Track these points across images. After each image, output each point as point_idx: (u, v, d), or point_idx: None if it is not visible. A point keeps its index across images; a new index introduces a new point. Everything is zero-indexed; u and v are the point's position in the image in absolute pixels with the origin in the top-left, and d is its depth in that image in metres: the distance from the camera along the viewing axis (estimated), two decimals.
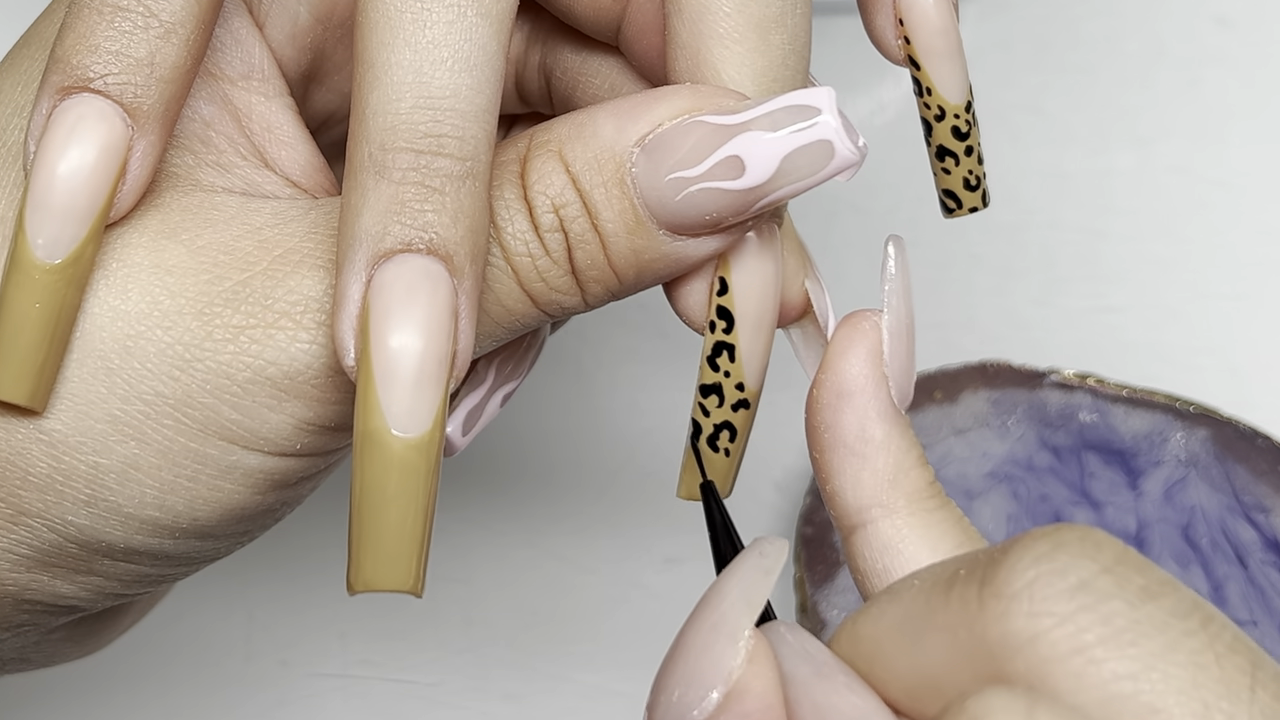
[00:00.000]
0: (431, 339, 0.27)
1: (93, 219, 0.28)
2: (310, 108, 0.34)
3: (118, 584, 0.31)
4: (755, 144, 0.28)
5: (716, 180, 0.28)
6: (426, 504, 0.27)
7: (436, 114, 0.27)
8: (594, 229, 0.29)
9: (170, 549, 0.30)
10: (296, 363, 0.29)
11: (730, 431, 0.31)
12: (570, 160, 0.29)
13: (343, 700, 0.46)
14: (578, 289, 0.29)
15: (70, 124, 0.28)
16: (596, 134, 0.29)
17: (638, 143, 0.28)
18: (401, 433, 0.27)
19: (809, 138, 0.28)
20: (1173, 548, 0.45)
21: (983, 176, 0.33)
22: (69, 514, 0.29)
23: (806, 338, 0.32)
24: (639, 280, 0.30)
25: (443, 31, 0.27)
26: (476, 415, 0.33)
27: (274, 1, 0.32)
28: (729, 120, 0.28)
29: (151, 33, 0.28)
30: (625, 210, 0.29)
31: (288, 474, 0.30)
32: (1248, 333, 0.49)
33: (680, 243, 0.29)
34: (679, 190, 0.28)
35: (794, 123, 0.28)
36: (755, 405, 0.31)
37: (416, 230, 0.27)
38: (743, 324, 0.30)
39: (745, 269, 0.30)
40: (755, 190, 0.28)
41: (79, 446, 0.29)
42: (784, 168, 0.28)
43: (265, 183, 0.31)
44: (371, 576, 0.27)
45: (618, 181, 0.29)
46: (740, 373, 0.30)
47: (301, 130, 0.32)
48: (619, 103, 0.29)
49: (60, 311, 0.28)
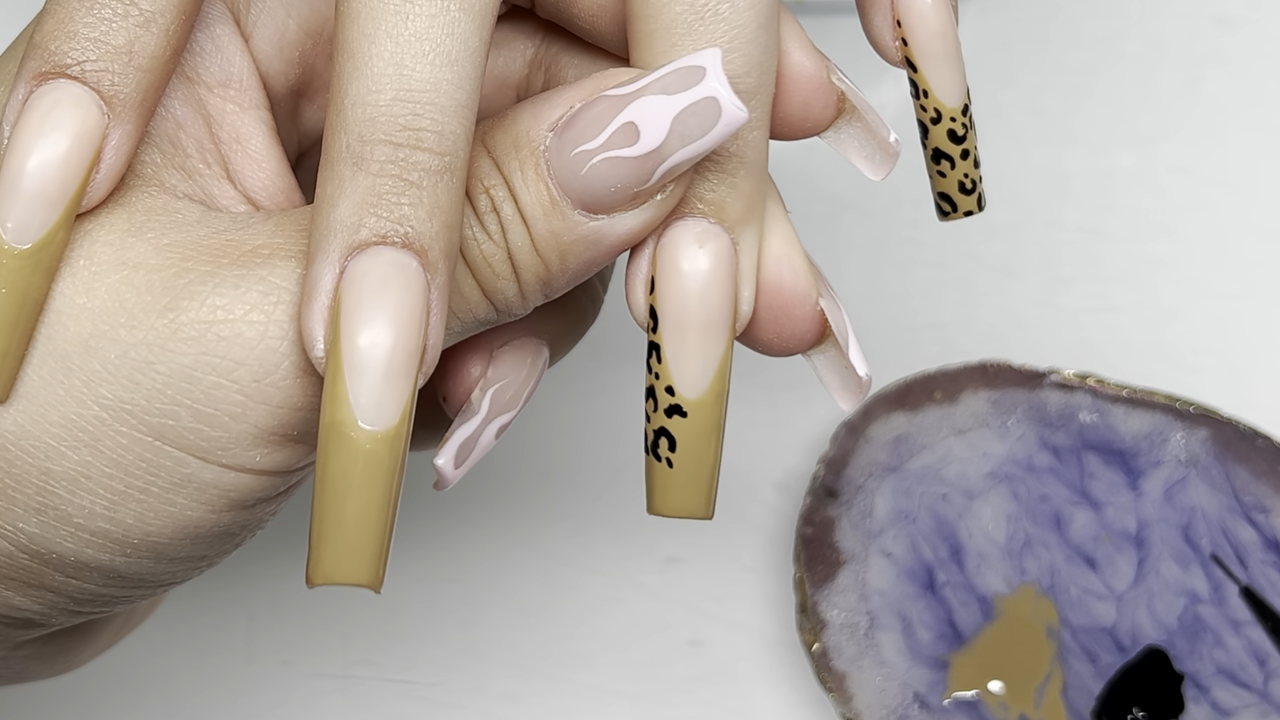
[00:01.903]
0: (402, 332, 0.27)
1: (64, 205, 0.28)
2: (301, 125, 0.34)
3: (71, 600, 0.30)
4: (646, 109, 0.28)
5: (615, 149, 0.28)
6: (390, 498, 0.27)
7: (416, 107, 0.27)
8: (519, 213, 0.29)
9: (122, 567, 0.30)
10: (266, 362, 0.28)
11: (669, 439, 0.30)
12: (491, 146, 0.29)
13: (343, 700, 0.46)
14: (514, 275, 0.29)
15: (45, 109, 0.28)
16: (515, 122, 0.29)
17: (550, 126, 0.29)
18: (369, 425, 0.27)
19: (694, 96, 0.28)
20: (1173, 548, 0.45)
21: (979, 180, 0.33)
22: (19, 521, 0.29)
23: (828, 361, 0.32)
24: (564, 266, 0.29)
25: (425, 24, 0.27)
26: (470, 447, 0.32)
27: (261, 12, 0.32)
28: (623, 91, 0.29)
29: (131, 21, 0.28)
30: (541, 191, 0.29)
31: (244, 493, 0.29)
32: (1248, 333, 0.49)
33: (596, 223, 0.29)
34: (583, 164, 0.29)
35: (683, 85, 0.28)
36: (705, 416, 0.30)
37: (392, 223, 0.27)
38: (664, 323, 0.30)
39: (665, 265, 0.30)
40: (652, 155, 0.28)
41: (31, 451, 0.28)
42: (675, 129, 0.28)
43: (221, 195, 0.31)
44: (331, 569, 0.27)
45: (532, 164, 0.29)
46: (667, 375, 0.30)
47: (273, 147, 0.32)
48: (538, 95, 0.30)
49: (26, 298, 0.28)
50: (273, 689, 0.46)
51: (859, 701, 0.43)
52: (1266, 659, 0.44)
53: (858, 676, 0.43)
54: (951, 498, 0.45)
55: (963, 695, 0.44)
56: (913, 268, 0.50)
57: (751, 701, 0.46)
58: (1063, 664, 0.44)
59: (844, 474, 0.45)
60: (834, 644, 0.44)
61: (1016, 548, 0.45)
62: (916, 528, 0.45)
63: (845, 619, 0.44)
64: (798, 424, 0.48)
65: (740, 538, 0.47)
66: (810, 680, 0.46)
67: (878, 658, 0.44)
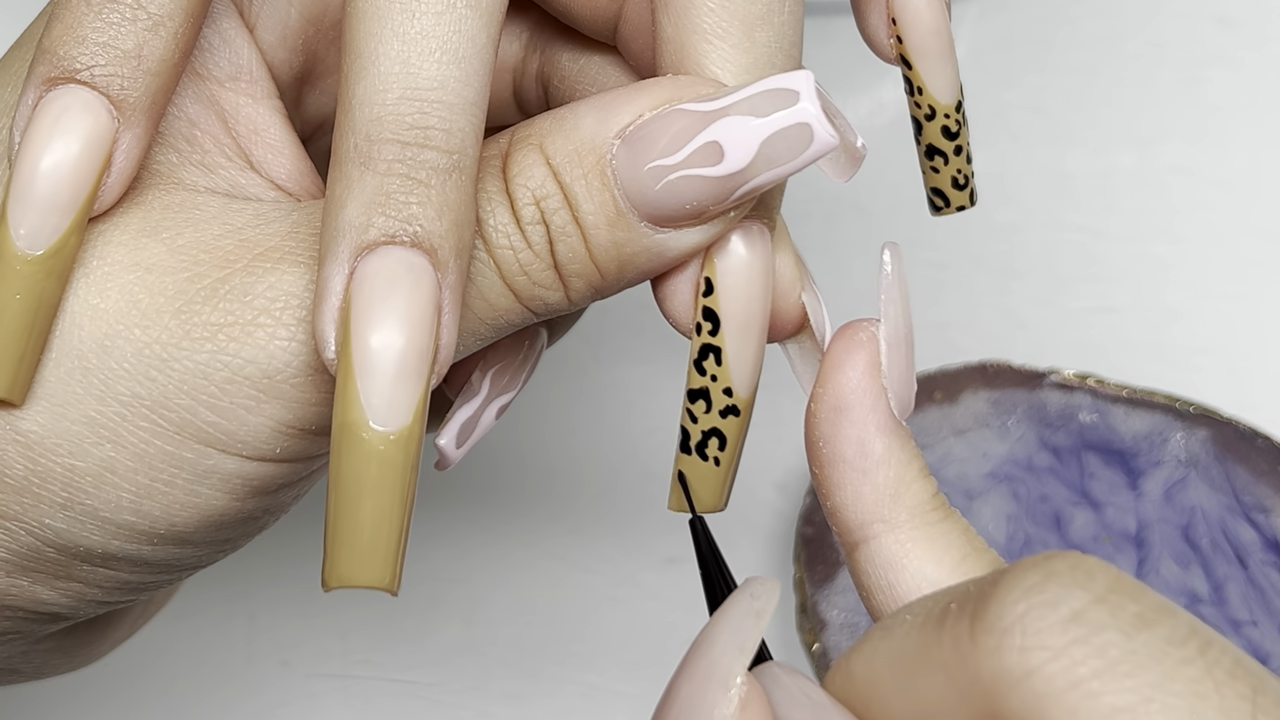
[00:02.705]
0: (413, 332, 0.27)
1: (75, 211, 0.28)
2: (304, 112, 0.34)
3: (98, 590, 0.31)
4: (733, 129, 0.28)
5: (695, 167, 0.28)
6: (404, 499, 0.27)
7: (423, 105, 0.27)
8: (575, 221, 0.29)
9: (149, 555, 0.30)
10: (275, 361, 0.28)
11: (720, 439, 0.30)
12: (551, 153, 0.29)
13: (343, 700, 0.46)
14: (560, 284, 0.29)
15: (55, 115, 0.28)
16: (577, 126, 0.29)
17: (618, 134, 0.28)
18: (380, 426, 0.26)
19: (787, 121, 0.28)
20: (1173, 548, 0.45)
21: (971, 176, 0.33)
22: (46, 517, 0.29)
23: (803, 352, 0.32)
24: (620, 275, 0.29)
25: (431, 22, 0.27)
26: (471, 427, 0.32)
27: (264, 3, 0.32)
28: (707, 107, 0.28)
29: (139, 25, 0.28)
30: (606, 202, 0.28)
31: (266, 480, 0.30)
32: (1248, 333, 0.49)
33: (662, 235, 0.29)
34: (658, 179, 0.28)
35: (773, 107, 0.28)
36: (748, 413, 0.31)
37: (401, 222, 0.27)
38: (729, 326, 0.30)
39: (731, 268, 0.29)
40: (735, 176, 0.28)
41: (55, 448, 0.29)
42: (763, 152, 0.28)
43: (250, 185, 0.31)
44: (346, 572, 0.26)
45: (598, 173, 0.28)
46: (728, 377, 0.30)
47: (289, 134, 0.32)
48: (600, 96, 0.29)
49: (40, 303, 0.28)
50: (273, 689, 0.46)
51: None
52: (1267, 659, 0.44)
53: None
54: (952, 498, 0.45)
55: None
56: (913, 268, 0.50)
57: None
58: None
59: None
60: (834, 644, 0.44)
61: (1016, 548, 0.45)
62: None
63: (845, 619, 0.44)
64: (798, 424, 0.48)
65: (740, 538, 0.47)
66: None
67: None
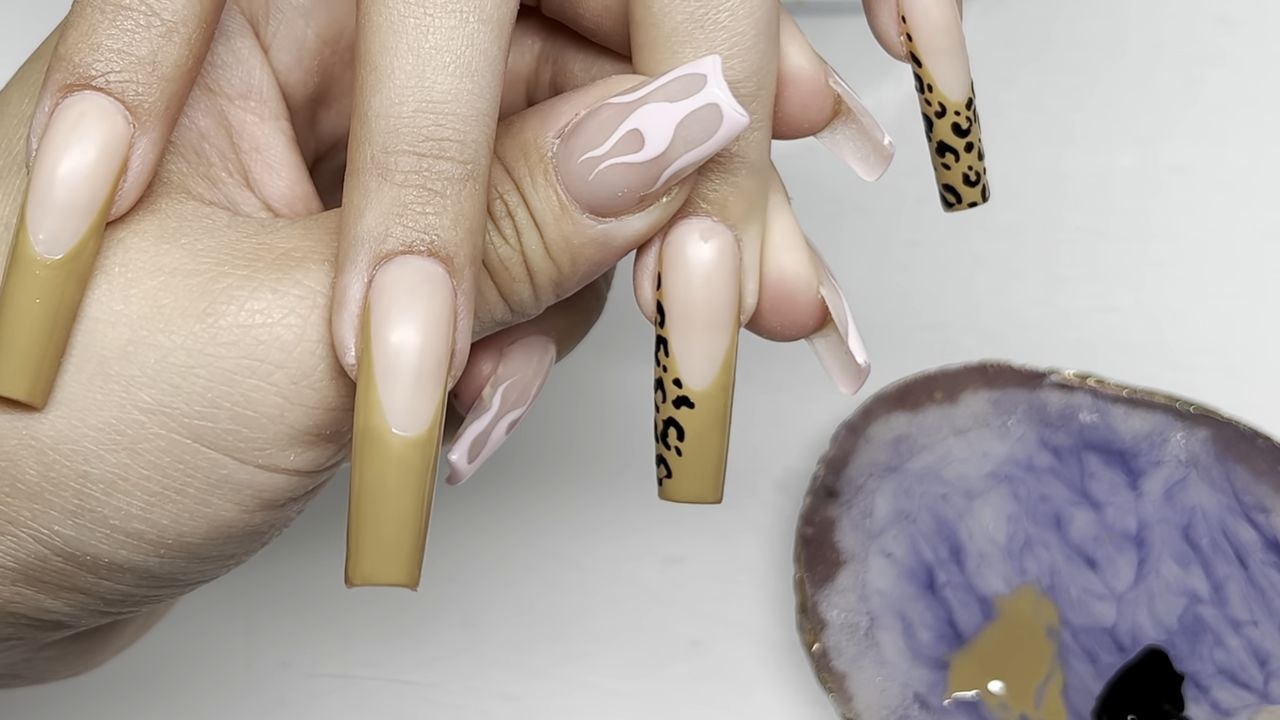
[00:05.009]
0: (431, 339, 0.28)
1: (93, 215, 0.28)
2: (319, 132, 0.34)
3: (101, 602, 0.31)
4: (650, 116, 0.29)
5: (621, 155, 0.29)
6: (424, 500, 0.28)
7: (439, 118, 0.28)
8: (531, 218, 0.30)
9: (155, 567, 0.30)
10: (304, 364, 0.29)
11: (677, 430, 0.31)
12: (501, 154, 0.30)
13: (343, 701, 0.46)
14: (529, 278, 0.30)
15: (72, 121, 0.28)
16: (522, 129, 0.30)
17: (556, 134, 0.30)
18: (401, 430, 0.27)
19: (696, 103, 0.29)
20: (1173, 548, 0.45)
21: (983, 172, 0.33)
22: (55, 524, 0.29)
23: (830, 346, 0.32)
24: (574, 268, 0.30)
25: (445, 36, 0.28)
26: (482, 442, 0.33)
27: (280, 24, 0.33)
28: (628, 99, 0.29)
29: (154, 31, 0.29)
30: (550, 197, 0.30)
31: (276, 492, 0.30)
32: (1248, 333, 0.49)
33: (604, 226, 0.30)
34: (590, 170, 0.29)
35: (684, 92, 0.29)
36: (711, 406, 0.31)
37: (418, 232, 0.28)
38: (671, 317, 0.31)
39: (670, 261, 0.31)
40: (657, 161, 0.29)
41: (70, 454, 0.29)
42: (679, 135, 0.29)
43: (244, 203, 0.31)
44: (370, 570, 0.27)
45: (542, 170, 0.30)
46: (675, 368, 0.31)
47: (293, 156, 0.32)
48: (544, 103, 0.30)
49: (60, 307, 0.28)
50: (273, 689, 0.46)
51: (859, 702, 0.43)
52: (1267, 659, 0.44)
53: (858, 677, 0.43)
54: (952, 498, 0.45)
55: (963, 695, 0.44)
56: (914, 268, 0.50)
57: (751, 701, 0.46)
58: (1063, 664, 0.44)
59: (844, 474, 0.45)
60: (834, 644, 0.44)
61: (1017, 548, 0.45)
62: (917, 528, 0.45)
63: (845, 619, 0.44)
64: (798, 424, 0.48)
65: (740, 538, 0.47)
66: (810, 680, 0.46)
67: (878, 658, 0.44)
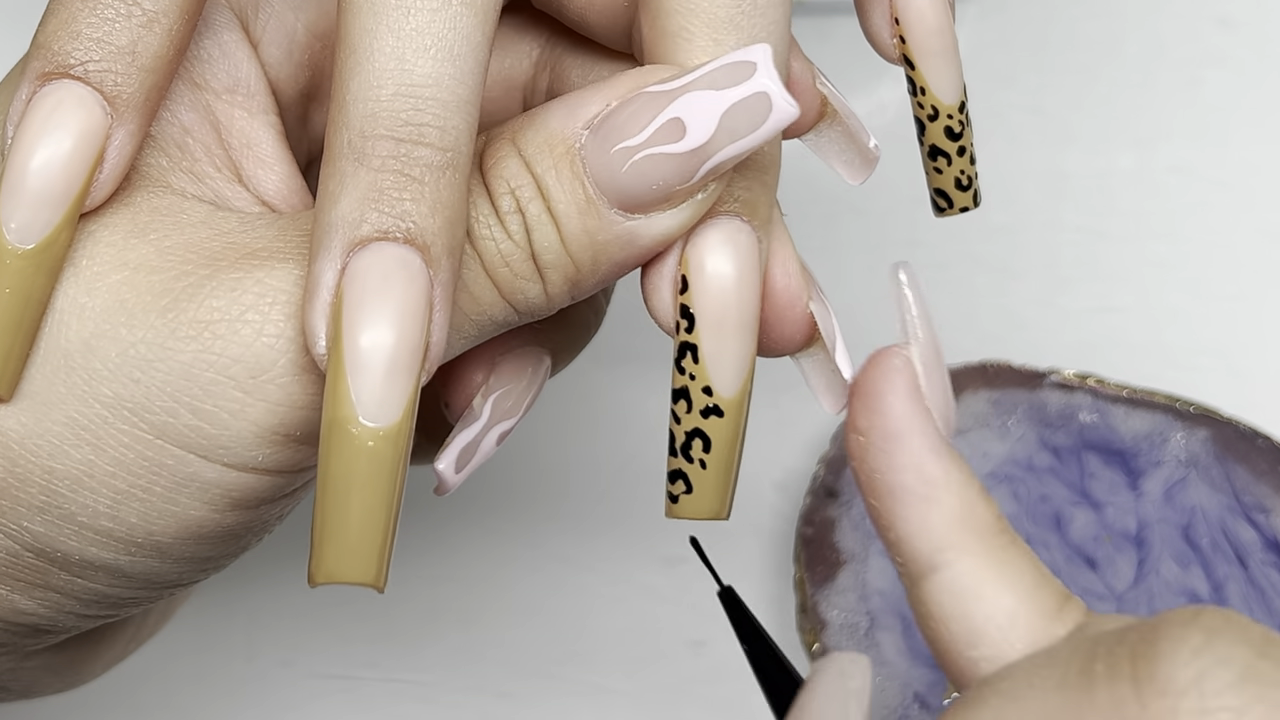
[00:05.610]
0: (405, 329, 0.27)
1: (67, 206, 0.28)
2: (311, 129, 0.34)
3: (77, 603, 0.30)
4: (694, 104, 0.28)
5: (659, 145, 0.28)
6: (393, 496, 0.27)
7: (418, 102, 0.27)
8: (548, 211, 0.29)
9: (126, 566, 0.30)
10: (262, 359, 0.28)
11: (704, 440, 0.30)
12: (522, 146, 0.29)
13: (344, 701, 0.46)
14: (539, 276, 0.29)
15: (48, 109, 0.28)
16: (547, 120, 0.29)
17: (585, 125, 0.29)
18: (371, 422, 0.26)
19: (745, 91, 0.28)
20: (1173, 548, 0.45)
21: (974, 176, 0.33)
22: (24, 520, 0.29)
23: (816, 365, 0.32)
24: (595, 267, 0.29)
25: (427, 19, 0.27)
26: (471, 452, 0.32)
27: (269, 18, 0.32)
28: (668, 86, 0.28)
29: (134, 21, 0.28)
30: (575, 189, 0.28)
31: (246, 492, 0.29)
32: (1248, 333, 0.49)
33: (632, 222, 0.29)
34: (624, 161, 0.28)
35: (731, 80, 0.28)
36: (737, 415, 0.30)
37: (394, 219, 0.27)
38: (702, 321, 0.30)
39: (703, 263, 0.29)
40: (699, 151, 0.28)
41: (35, 450, 0.28)
42: (724, 125, 0.28)
43: (235, 198, 0.31)
44: (333, 568, 0.26)
45: (567, 162, 0.28)
46: (705, 375, 0.30)
47: (282, 150, 0.32)
48: (571, 94, 0.29)
49: (30, 298, 0.28)
50: (273, 689, 0.46)
51: None
52: None
53: None
54: None
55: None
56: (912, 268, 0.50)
57: (751, 701, 0.46)
58: None
59: (844, 474, 0.45)
60: (834, 644, 0.44)
61: None
62: None
63: (845, 619, 0.44)
64: (798, 424, 0.48)
65: (740, 538, 0.47)
66: None
67: (878, 658, 0.44)
